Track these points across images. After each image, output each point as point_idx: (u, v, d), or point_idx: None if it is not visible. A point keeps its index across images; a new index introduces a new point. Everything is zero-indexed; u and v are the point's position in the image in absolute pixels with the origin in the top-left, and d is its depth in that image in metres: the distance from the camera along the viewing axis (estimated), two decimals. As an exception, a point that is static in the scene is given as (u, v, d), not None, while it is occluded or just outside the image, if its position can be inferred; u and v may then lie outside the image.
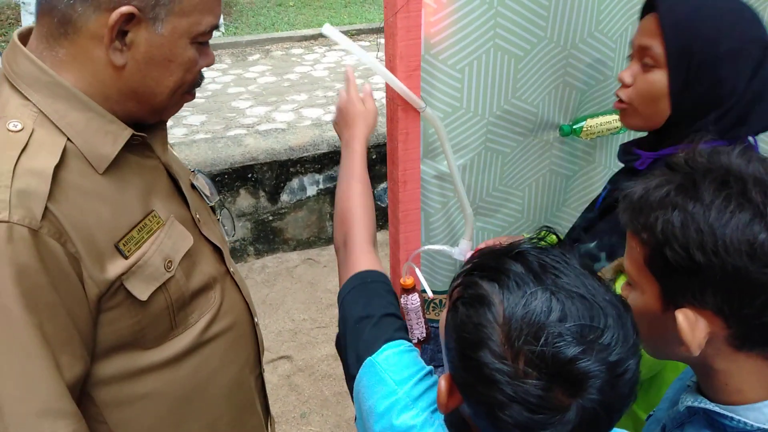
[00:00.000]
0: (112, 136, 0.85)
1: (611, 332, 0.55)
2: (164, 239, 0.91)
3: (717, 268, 0.60)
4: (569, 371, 0.54)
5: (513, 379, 0.55)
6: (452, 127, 1.26)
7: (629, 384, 0.57)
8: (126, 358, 0.91)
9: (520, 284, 0.57)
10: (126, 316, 0.88)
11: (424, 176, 1.31)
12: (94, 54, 0.82)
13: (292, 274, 3.35)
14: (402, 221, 1.30)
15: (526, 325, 0.55)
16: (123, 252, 0.85)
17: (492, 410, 0.57)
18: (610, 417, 0.58)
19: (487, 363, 0.56)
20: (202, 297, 0.99)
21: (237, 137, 3.44)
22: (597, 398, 0.55)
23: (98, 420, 0.91)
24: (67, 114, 0.82)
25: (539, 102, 1.33)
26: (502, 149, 1.38)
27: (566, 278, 0.57)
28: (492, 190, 1.44)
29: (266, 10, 8.84)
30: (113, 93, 0.85)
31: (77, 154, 0.83)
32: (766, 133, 1.10)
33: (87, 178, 0.83)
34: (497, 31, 1.17)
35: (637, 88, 1.04)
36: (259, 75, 6.18)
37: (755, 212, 0.59)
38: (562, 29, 1.25)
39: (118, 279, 0.85)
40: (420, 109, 1.16)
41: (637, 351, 0.58)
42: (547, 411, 0.55)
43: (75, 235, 0.80)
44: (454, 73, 1.19)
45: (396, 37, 1.08)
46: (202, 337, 0.98)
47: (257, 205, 3.39)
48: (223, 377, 1.04)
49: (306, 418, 2.41)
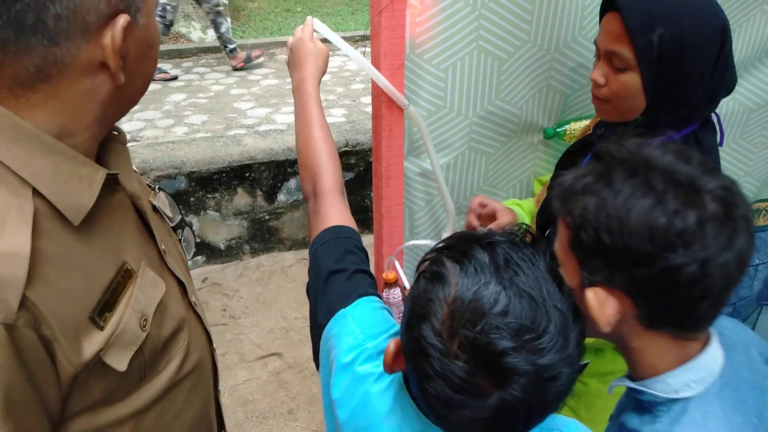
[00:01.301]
0: (86, 180, 0.73)
1: (549, 337, 0.56)
2: (138, 294, 0.80)
3: (622, 250, 0.64)
4: (496, 363, 0.55)
5: (443, 356, 0.57)
6: (436, 125, 1.29)
7: (557, 391, 0.58)
8: (92, 416, 0.81)
9: (479, 272, 0.59)
10: (99, 384, 0.78)
11: (408, 173, 1.34)
12: (83, 86, 0.70)
13: (287, 273, 3.38)
14: (385, 216, 1.33)
15: (469, 310, 0.57)
16: (98, 323, 0.74)
17: (421, 380, 0.60)
18: (529, 417, 0.59)
19: (425, 336, 0.58)
20: (171, 343, 0.90)
21: (236, 137, 3.47)
22: (519, 395, 0.56)
23: None
24: (30, 161, 0.69)
25: (523, 104, 1.36)
26: (486, 149, 1.41)
27: (524, 277, 0.59)
28: (476, 189, 1.47)
29: (274, 15, 8.91)
30: (97, 118, 0.74)
31: (46, 210, 0.70)
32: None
33: (58, 242, 0.71)
34: (480, 33, 1.21)
35: (612, 89, 1.06)
36: (262, 78, 6.23)
37: (657, 199, 0.63)
38: (546, 33, 1.28)
39: (96, 356, 0.74)
40: (403, 106, 1.19)
41: (573, 362, 0.59)
42: (467, 393, 0.57)
43: (50, 318, 0.68)
44: (438, 73, 1.22)
45: (380, 35, 1.11)
46: (170, 382, 0.90)
47: (254, 204, 3.42)
48: (187, 415, 0.98)
49: (294, 414, 2.43)
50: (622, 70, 1.03)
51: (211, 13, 5.78)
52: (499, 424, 0.59)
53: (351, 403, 0.76)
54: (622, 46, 1.01)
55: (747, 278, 2.09)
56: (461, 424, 0.60)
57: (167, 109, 5.08)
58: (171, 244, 0.98)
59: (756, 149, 1.67)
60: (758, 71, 1.53)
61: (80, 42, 0.66)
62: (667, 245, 0.62)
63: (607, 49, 1.05)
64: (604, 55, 1.06)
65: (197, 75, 6.14)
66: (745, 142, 1.65)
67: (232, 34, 6.94)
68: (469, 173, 1.43)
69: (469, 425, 0.60)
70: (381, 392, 0.73)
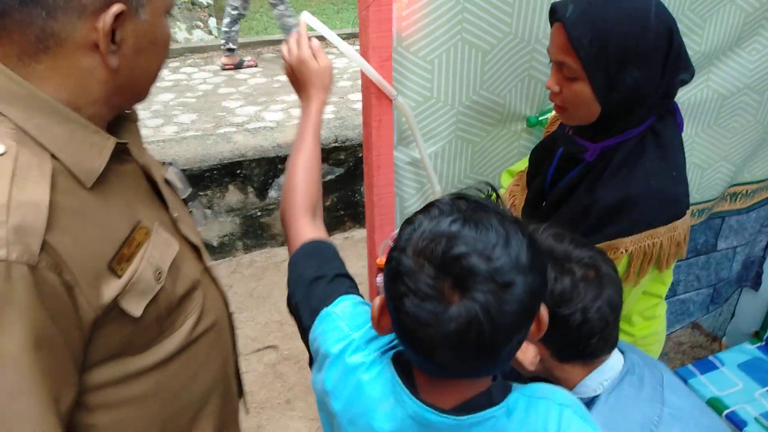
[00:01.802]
0: (97, 147, 0.81)
1: (501, 248, 0.63)
2: (152, 251, 0.88)
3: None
4: (455, 266, 0.62)
5: (412, 271, 0.64)
6: (424, 115, 1.35)
7: (515, 302, 0.63)
8: (114, 366, 0.89)
9: (442, 212, 0.67)
10: (118, 331, 0.86)
11: (398, 162, 1.39)
12: (81, 62, 0.77)
13: (280, 269, 3.42)
14: (377, 204, 1.39)
15: (431, 233, 0.65)
16: (116, 271, 0.82)
17: (396, 304, 0.66)
18: (494, 334, 0.63)
19: (397, 259, 0.66)
20: (187, 300, 0.98)
21: (226, 134, 3.51)
22: (481, 300, 0.61)
23: (89, 423, 0.90)
24: (48, 128, 0.77)
25: (506, 94, 1.42)
26: (472, 138, 1.46)
27: (482, 214, 0.66)
28: (464, 177, 1.53)
29: (259, 15, 8.91)
30: (100, 97, 0.81)
31: (63, 170, 0.78)
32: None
33: (75, 197, 0.78)
34: (464, 26, 1.26)
35: (565, 97, 1.09)
36: (249, 76, 6.25)
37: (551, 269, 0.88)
38: (526, 25, 1.34)
39: (114, 300, 0.82)
40: (392, 96, 1.24)
41: (526, 271, 0.64)
42: (434, 301, 0.62)
43: (71, 263, 0.75)
44: (424, 65, 1.28)
45: (368, 29, 1.17)
46: (188, 338, 0.98)
47: (246, 201, 3.46)
48: (208, 373, 1.05)
49: (291, 404, 2.48)
50: (572, 80, 1.06)
51: (232, 12, 5.90)
52: (465, 341, 0.63)
53: (344, 393, 0.80)
54: (569, 57, 1.03)
55: (726, 260, 2.17)
56: (433, 344, 0.64)
57: (156, 109, 5.10)
58: (184, 213, 1.06)
59: (730, 134, 1.75)
60: (730, 60, 1.60)
61: (75, 20, 0.73)
62: (556, 303, 0.89)
63: (556, 59, 1.08)
64: (555, 65, 1.09)
65: (185, 75, 6.15)
66: (719, 128, 1.72)
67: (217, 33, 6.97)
68: (457, 161, 1.49)
69: (440, 342, 0.64)
70: (372, 380, 0.78)
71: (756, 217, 2.08)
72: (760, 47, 1.60)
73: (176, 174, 1.09)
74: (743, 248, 2.17)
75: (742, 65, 1.62)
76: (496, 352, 0.66)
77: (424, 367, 0.72)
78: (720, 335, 2.64)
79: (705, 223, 1.99)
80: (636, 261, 1.11)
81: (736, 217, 2.05)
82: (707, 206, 1.90)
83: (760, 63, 1.62)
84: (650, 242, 1.09)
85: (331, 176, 3.61)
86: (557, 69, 1.09)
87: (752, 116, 1.73)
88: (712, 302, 2.25)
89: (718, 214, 2.01)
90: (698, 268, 2.11)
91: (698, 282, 2.14)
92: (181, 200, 1.10)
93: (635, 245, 1.09)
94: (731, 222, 2.05)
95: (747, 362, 2.20)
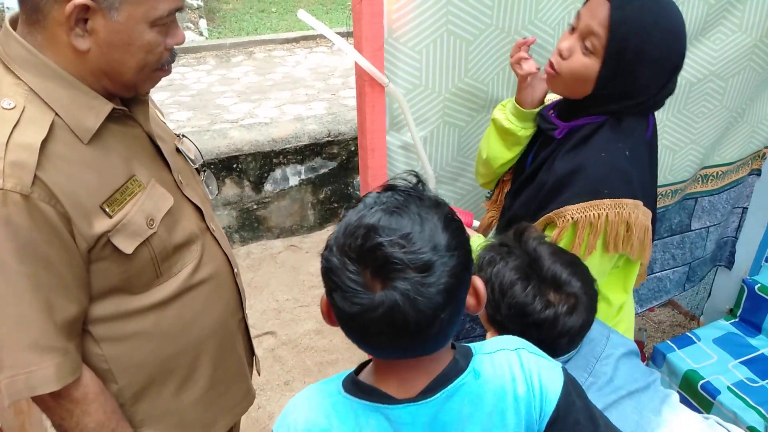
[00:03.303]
0: (95, 110, 0.95)
1: (417, 235, 0.65)
2: (145, 200, 1.01)
3: (505, 311, 1.01)
4: (375, 257, 0.64)
5: (340, 265, 0.67)
6: (414, 102, 1.46)
7: (435, 285, 0.65)
8: (117, 301, 1.03)
9: (364, 206, 0.69)
10: (114, 267, 1.00)
11: (390, 146, 1.50)
12: (62, 39, 0.90)
13: (276, 260, 3.52)
14: (371, 185, 1.50)
15: (353, 226, 0.67)
16: (107, 212, 0.96)
17: (330, 299, 0.69)
18: (418, 317, 0.65)
19: (326, 258, 0.69)
20: (184, 250, 1.11)
21: (222, 130, 3.60)
22: (401, 287, 0.63)
23: (96, 352, 1.05)
24: (54, 91, 0.91)
25: (489, 81, 1.54)
26: (459, 123, 1.58)
27: (401, 202, 0.68)
28: (451, 160, 1.64)
29: (249, 16, 9.00)
30: (86, 73, 0.94)
31: (64, 127, 0.92)
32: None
33: (73, 149, 0.92)
34: (449, 18, 1.38)
35: (571, 65, 1.13)
36: (242, 75, 6.34)
37: (524, 285, 0.99)
38: (506, 17, 1.45)
39: (104, 235, 0.96)
40: (384, 84, 1.35)
41: (444, 253, 0.66)
42: (360, 288, 0.65)
43: (63, 199, 0.89)
44: (413, 54, 1.39)
45: (361, 22, 1.28)
46: (185, 284, 1.11)
47: (242, 195, 3.55)
48: (206, 320, 1.17)
49: (289, 385, 2.59)
50: (589, 53, 1.11)
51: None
52: (394, 326, 0.65)
53: None
54: (602, 31, 1.08)
55: (700, 239, 2.30)
56: (367, 330, 0.67)
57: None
58: (192, 180, 1.19)
59: (698, 119, 1.87)
60: (696, 48, 1.73)
61: (53, 2, 0.87)
62: (538, 327, 0.98)
63: (586, 28, 1.10)
64: (581, 32, 1.12)
65: (179, 74, 6.23)
66: (688, 112, 1.84)
67: (209, 34, 7.04)
68: (445, 145, 1.60)
69: (372, 328, 0.66)
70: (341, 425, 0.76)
71: (727, 197, 2.21)
72: (723, 36, 1.72)
73: (190, 146, 1.22)
74: (716, 228, 2.29)
75: (707, 53, 1.74)
76: (427, 332, 0.68)
77: (374, 352, 0.74)
78: (698, 314, 2.77)
79: (679, 204, 2.12)
80: (582, 231, 1.13)
81: (708, 198, 2.18)
82: (679, 187, 2.02)
83: (724, 51, 1.74)
84: (595, 212, 1.11)
85: (324, 170, 3.71)
86: (580, 36, 1.12)
87: (718, 102, 1.85)
88: (688, 280, 2.38)
89: (691, 195, 2.14)
90: (673, 247, 2.23)
91: (674, 260, 2.26)
92: (193, 169, 1.22)
93: (581, 213, 1.12)
94: (704, 203, 2.18)
95: (721, 337, 2.33)
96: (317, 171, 3.70)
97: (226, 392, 1.27)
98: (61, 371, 0.95)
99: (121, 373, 1.08)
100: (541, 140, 1.33)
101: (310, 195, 3.72)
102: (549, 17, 1.52)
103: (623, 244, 1.17)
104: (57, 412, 1.00)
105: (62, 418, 1.01)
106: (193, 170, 1.23)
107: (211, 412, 1.24)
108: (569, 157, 1.17)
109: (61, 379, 0.95)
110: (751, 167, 2.22)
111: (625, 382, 1.04)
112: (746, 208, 2.36)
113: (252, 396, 1.38)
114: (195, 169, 1.24)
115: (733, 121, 1.97)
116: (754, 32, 1.74)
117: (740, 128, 2.02)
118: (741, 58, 1.78)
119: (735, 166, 2.13)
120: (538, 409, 0.78)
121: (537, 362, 0.80)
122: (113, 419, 1.05)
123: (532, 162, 1.33)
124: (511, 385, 0.77)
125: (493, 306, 1.02)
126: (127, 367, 1.08)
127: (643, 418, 1.02)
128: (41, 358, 0.93)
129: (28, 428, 1.86)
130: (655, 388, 1.08)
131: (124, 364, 1.08)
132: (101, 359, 1.06)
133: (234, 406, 1.32)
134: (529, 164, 1.35)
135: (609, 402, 1.01)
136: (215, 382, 1.23)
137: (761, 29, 1.74)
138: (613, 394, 1.02)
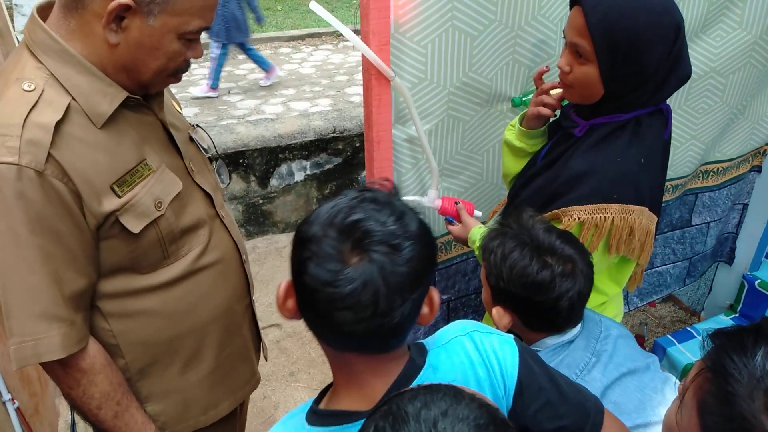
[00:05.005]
0: (109, 97, 1.00)
1: (394, 220, 0.70)
2: (154, 184, 1.06)
3: (508, 290, 1.08)
4: (355, 229, 0.68)
5: (317, 238, 0.69)
6: (419, 95, 1.50)
7: (406, 264, 0.68)
8: (125, 279, 1.08)
9: (346, 195, 0.74)
10: (122, 245, 1.04)
11: (395, 139, 1.53)
12: (96, 29, 0.95)
13: (281, 254, 3.56)
14: (377, 176, 1.53)
15: (334, 210, 0.71)
16: (117, 192, 1.01)
17: (300, 270, 0.70)
18: (387, 293, 0.67)
19: (305, 230, 0.72)
20: (192, 234, 1.15)
21: (229, 126, 3.64)
22: (377, 259, 0.67)
23: (104, 327, 1.10)
24: (73, 77, 0.97)
25: (492, 76, 1.57)
26: (463, 117, 1.61)
27: (382, 197, 0.73)
28: (455, 153, 1.68)
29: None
30: (108, 64, 0.99)
31: (79, 110, 0.97)
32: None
33: (87, 131, 0.98)
34: (454, 13, 1.41)
35: (574, 76, 1.18)
36: (248, 72, 6.38)
37: (527, 262, 1.04)
38: (510, 13, 1.48)
39: (113, 214, 1.00)
40: (390, 77, 1.39)
41: (416, 239, 0.70)
42: (335, 260, 0.67)
43: (75, 177, 0.95)
44: (419, 49, 1.42)
45: (369, 16, 1.31)
46: (192, 266, 1.15)
47: (248, 189, 3.59)
48: (212, 302, 1.21)
49: (295, 376, 2.63)
50: (583, 61, 1.15)
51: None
52: (361, 301, 0.67)
53: None
54: (584, 40, 1.12)
55: (700, 235, 2.33)
56: (333, 304, 0.68)
57: (158, 104, 5.21)
58: (204, 168, 1.24)
59: (699, 115, 1.90)
60: (696, 45, 1.75)
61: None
62: (534, 291, 1.04)
63: (571, 41, 1.16)
64: (569, 46, 1.17)
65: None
66: (690, 108, 1.87)
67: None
68: (449, 139, 1.63)
69: (339, 302, 0.67)
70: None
71: (727, 193, 2.24)
72: (723, 33, 1.75)
73: (204, 135, 1.27)
74: (716, 224, 2.32)
75: (708, 50, 1.77)
76: (390, 314, 0.69)
77: (329, 340, 0.75)
78: (699, 309, 2.80)
79: (679, 199, 2.14)
80: (586, 232, 1.17)
81: (709, 194, 2.20)
82: (680, 182, 2.05)
83: (724, 48, 1.77)
84: (602, 216, 1.15)
85: (329, 165, 3.75)
86: (571, 50, 1.17)
87: (719, 98, 1.88)
88: (689, 275, 2.40)
89: (692, 190, 2.16)
90: (674, 242, 2.26)
91: (674, 255, 2.29)
92: (205, 158, 1.26)
93: (588, 215, 1.15)
94: (704, 198, 2.21)
95: (721, 331, 2.36)
96: (322, 166, 3.73)
97: (230, 374, 1.31)
98: (67, 341, 0.99)
99: (127, 348, 1.12)
100: (559, 135, 1.35)
101: (315, 190, 3.76)
102: (552, 13, 1.55)
103: (624, 246, 1.21)
104: (65, 381, 1.04)
105: (70, 387, 1.05)
106: (205, 159, 1.27)
107: (215, 392, 1.28)
108: (586, 156, 1.20)
109: (66, 348, 0.99)
110: (752, 164, 2.25)
111: (625, 360, 1.09)
112: (746, 205, 2.39)
113: (257, 380, 1.42)
114: (208, 158, 1.28)
115: (734, 118, 1.99)
116: (755, 29, 1.76)
117: (741, 125, 2.05)
118: (741, 55, 1.80)
119: (735, 162, 2.16)
120: (502, 386, 0.80)
121: (489, 340, 0.82)
122: (119, 391, 1.09)
123: (546, 155, 1.36)
124: (471, 371, 0.79)
125: (496, 274, 1.08)
126: (134, 343, 1.12)
127: (645, 396, 1.05)
128: (49, 326, 0.97)
129: (41, 410, 1.91)
130: (656, 369, 1.12)
131: (131, 340, 1.12)
132: (109, 334, 1.10)
133: (238, 388, 1.35)
134: (541, 157, 1.38)
135: (612, 378, 1.05)
136: (220, 364, 1.27)
137: (761, 26, 1.77)
138: (616, 371, 1.06)
